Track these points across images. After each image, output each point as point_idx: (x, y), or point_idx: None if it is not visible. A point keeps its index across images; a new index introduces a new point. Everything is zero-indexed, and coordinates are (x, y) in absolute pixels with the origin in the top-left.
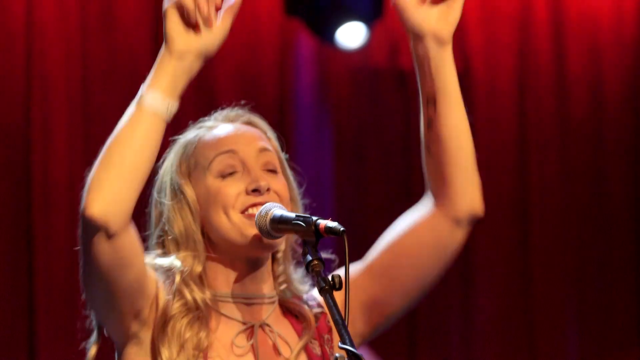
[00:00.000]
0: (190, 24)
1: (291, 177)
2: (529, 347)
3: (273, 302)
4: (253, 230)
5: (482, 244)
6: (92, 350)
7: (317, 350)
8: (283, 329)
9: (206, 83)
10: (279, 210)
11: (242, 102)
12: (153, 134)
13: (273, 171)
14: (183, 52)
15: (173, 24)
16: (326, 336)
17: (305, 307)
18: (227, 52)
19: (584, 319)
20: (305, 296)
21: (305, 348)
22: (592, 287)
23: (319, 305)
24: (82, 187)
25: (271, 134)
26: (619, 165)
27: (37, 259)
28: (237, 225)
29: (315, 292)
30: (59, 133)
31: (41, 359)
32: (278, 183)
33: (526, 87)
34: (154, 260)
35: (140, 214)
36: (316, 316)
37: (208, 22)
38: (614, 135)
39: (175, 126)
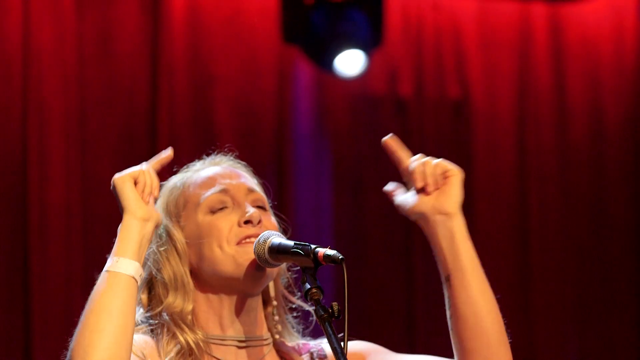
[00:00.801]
0: (143, 197)
1: (276, 223)
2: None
3: (268, 345)
4: (247, 260)
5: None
6: None
7: None
8: None
9: (204, 111)
10: (277, 238)
11: (227, 146)
12: (133, 296)
13: (263, 208)
14: (146, 218)
15: (132, 193)
16: None
17: (309, 359)
18: (226, 80)
19: (584, 341)
20: (314, 349)
21: None
22: (591, 318)
23: None
24: (78, 212)
25: (256, 180)
26: (619, 193)
27: (33, 284)
28: (231, 256)
29: (326, 347)
30: (55, 159)
31: None
32: (268, 219)
33: (526, 115)
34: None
35: None
36: None
37: (154, 198)
38: (614, 163)
39: (173, 153)
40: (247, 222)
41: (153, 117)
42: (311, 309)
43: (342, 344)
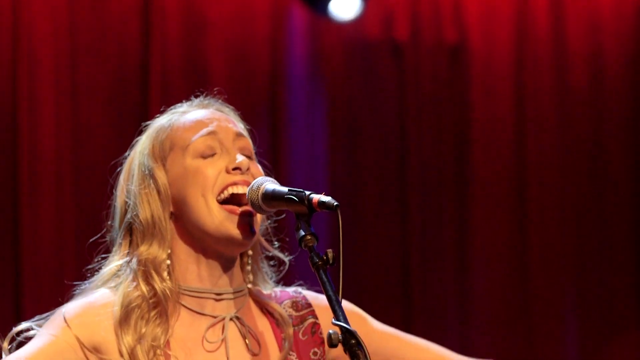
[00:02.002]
0: None
1: (262, 171)
2: (528, 343)
3: (245, 295)
4: (229, 229)
5: (478, 220)
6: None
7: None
8: (258, 323)
9: (197, 56)
10: (271, 184)
11: (216, 89)
12: None
13: (249, 157)
14: None
15: None
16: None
17: (290, 307)
18: (218, 25)
19: (583, 303)
20: (297, 298)
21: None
22: (590, 267)
23: (311, 312)
24: (69, 160)
25: (243, 125)
26: (619, 138)
27: (23, 232)
28: (214, 215)
29: (308, 295)
30: (46, 107)
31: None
32: (255, 167)
33: (524, 59)
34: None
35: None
36: (304, 318)
37: None
38: (614, 107)
39: (165, 100)
40: (235, 168)
41: (145, 63)
42: (287, 259)
43: (337, 292)
